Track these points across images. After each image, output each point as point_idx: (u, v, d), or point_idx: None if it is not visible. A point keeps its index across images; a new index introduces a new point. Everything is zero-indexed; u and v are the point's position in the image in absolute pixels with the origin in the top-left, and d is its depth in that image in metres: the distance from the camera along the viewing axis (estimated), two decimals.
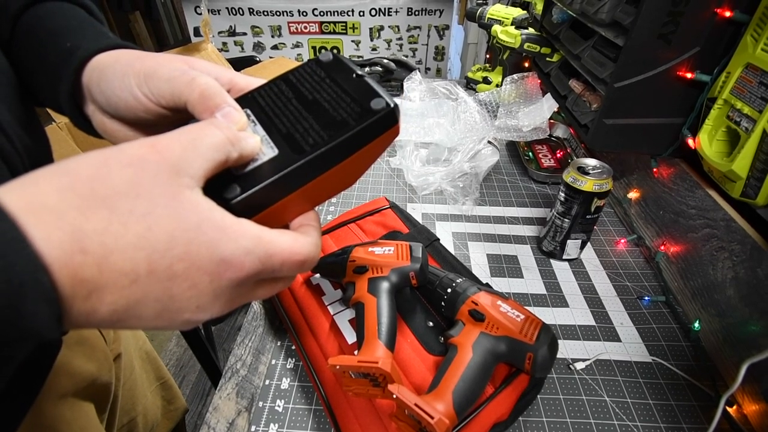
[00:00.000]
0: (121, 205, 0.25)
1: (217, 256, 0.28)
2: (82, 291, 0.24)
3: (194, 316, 0.29)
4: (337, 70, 0.38)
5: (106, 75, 0.39)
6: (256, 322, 0.77)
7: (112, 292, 0.25)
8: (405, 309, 0.70)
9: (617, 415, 0.64)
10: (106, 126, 0.42)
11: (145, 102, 0.37)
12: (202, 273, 0.28)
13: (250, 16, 2.94)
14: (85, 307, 0.25)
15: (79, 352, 0.65)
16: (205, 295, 0.29)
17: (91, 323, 0.26)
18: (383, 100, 0.34)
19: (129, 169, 0.26)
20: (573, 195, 0.81)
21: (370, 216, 0.90)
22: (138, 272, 0.26)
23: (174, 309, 0.28)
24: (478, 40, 2.76)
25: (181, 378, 2.02)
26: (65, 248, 0.23)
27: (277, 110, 0.37)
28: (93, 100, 0.41)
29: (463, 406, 0.53)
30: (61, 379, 0.60)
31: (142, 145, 0.28)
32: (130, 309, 0.26)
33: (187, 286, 0.28)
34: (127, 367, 0.79)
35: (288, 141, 0.34)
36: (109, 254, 0.25)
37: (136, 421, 0.82)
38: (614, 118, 0.77)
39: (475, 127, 1.15)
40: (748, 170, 0.60)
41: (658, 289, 0.84)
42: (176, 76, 0.36)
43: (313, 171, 0.34)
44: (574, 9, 0.87)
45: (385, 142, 0.36)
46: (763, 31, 0.60)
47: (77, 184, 0.25)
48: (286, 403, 0.65)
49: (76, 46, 0.41)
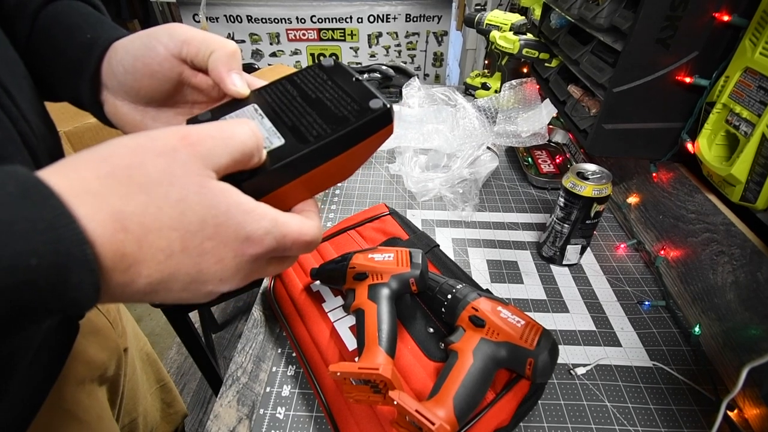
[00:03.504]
0: (157, 192, 0.28)
1: (242, 235, 0.31)
2: (122, 264, 0.27)
3: (216, 287, 0.33)
4: (337, 74, 0.42)
5: (128, 46, 0.44)
6: (256, 329, 0.77)
7: (149, 266, 0.28)
8: (405, 315, 0.70)
9: (618, 420, 0.64)
10: (118, 110, 0.46)
11: (162, 52, 0.42)
12: (228, 250, 0.31)
13: (248, 23, 2.95)
14: (124, 279, 0.28)
15: (93, 342, 0.68)
16: (229, 269, 0.32)
17: (125, 294, 0.29)
18: (380, 101, 0.38)
19: (162, 159, 0.29)
20: (572, 200, 0.81)
21: (369, 222, 0.90)
22: (173, 249, 0.29)
23: (200, 281, 0.31)
24: (476, 46, 2.77)
25: (182, 386, 2.01)
26: (108, 227, 0.26)
27: (283, 106, 0.40)
28: (110, 80, 0.45)
29: (464, 412, 0.53)
30: (78, 365, 0.63)
31: (174, 135, 0.31)
32: (164, 282, 0.30)
33: (214, 261, 0.31)
34: (130, 364, 0.80)
35: (293, 132, 0.37)
36: (148, 233, 0.28)
37: (137, 422, 0.82)
38: (613, 123, 0.77)
39: (474, 133, 1.15)
40: (747, 174, 0.60)
41: (658, 294, 0.83)
42: (209, 35, 0.42)
43: (315, 160, 0.37)
44: (573, 14, 0.87)
45: (379, 139, 0.39)
46: (761, 35, 0.60)
47: (116, 171, 0.28)
48: (287, 411, 0.65)
49: (96, 37, 0.45)
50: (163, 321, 1.99)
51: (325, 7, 2.90)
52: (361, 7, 2.92)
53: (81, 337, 0.63)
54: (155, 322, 2.28)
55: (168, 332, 2.21)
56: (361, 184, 1.15)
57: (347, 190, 1.13)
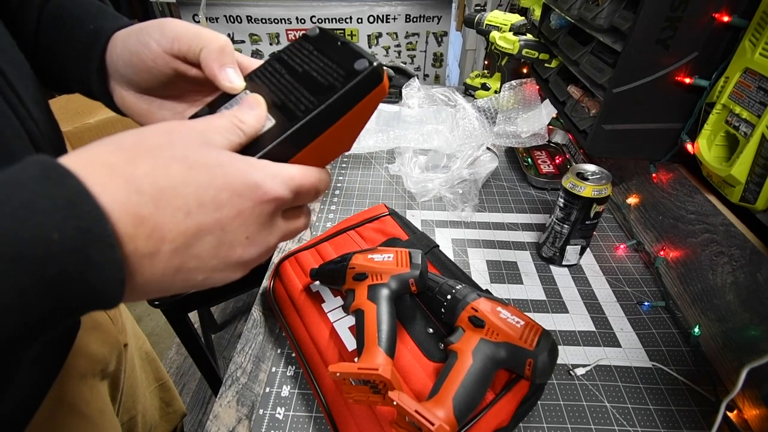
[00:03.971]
0: (162, 153, 0.30)
1: (251, 181, 0.32)
2: (143, 230, 0.28)
3: (246, 251, 0.33)
4: (323, 42, 0.41)
5: (125, 41, 0.45)
6: (255, 329, 0.77)
7: (170, 228, 0.29)
8: (405, 316, 0.69)
9: (618, 421, 0.64)
10: (125, 100, 0.47)
11: (156, 49, 0.42)
12: (244, 199, 0.32)
13: (248, 23, 2.95)
14: (149, 247, 0.28)
15: (94, 336, 0.68)
16: (251, 223, 0.33)
17: (155, 270, 0.29)
18: (365, 60, 0.36)
19: (163, 132, 0.31)
20: (572, 201, 0.81)
21: (369, 223, 0.89)
22: (189, 205, 0.30)
23: (227, 242, 0.32)
24: (476, 47, 2.76)
25: (182, 386, 2.01)
26: (121, 192, 0.27)
27: (272, 86, 0.40)
28: (114, 72, 0.46)
29: (463, 412, 0.53)
30: (80, 360, 0.64)
31: (172, 122, 0.33)
32: (189, 246, 0.30)
33: (233, 214, 0.32)
34: (129, 361, 0.80)
35: (283, 111, 0.37)
36: (161, 191, 0.29)
37: (135, 420, 0.82)
38: (613, 123, 0.77)
39: (474, 133, 1.15)
40: (747, 175, 0.60)
41: (657, 295, 0.83)
42: (200, 30, 0.42)
43: (307, 135, 0.36)
44: (572, 15, 0.87)
45: (373, 101, 0.38)
46: (761, 35, 0.60)
47: (123, 144, 0.30)
48: (286, 411, 0.65)
49: (99, 26, 0.47)
50: (163, 321, 1.98)
51: (325, 7, 2.90)
52: (361, 7, 2.91)
53: (82, 332, 0.63)
54: (155, 323, 2.28)
55: (167, 332, 2.21)
56: (360, 185, 1.15)
57: (347, 190, 1.13)
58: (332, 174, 1.19)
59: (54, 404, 0.57)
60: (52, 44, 0.49)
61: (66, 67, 0.49)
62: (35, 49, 0.50)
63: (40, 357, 0.53)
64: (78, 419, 0.62)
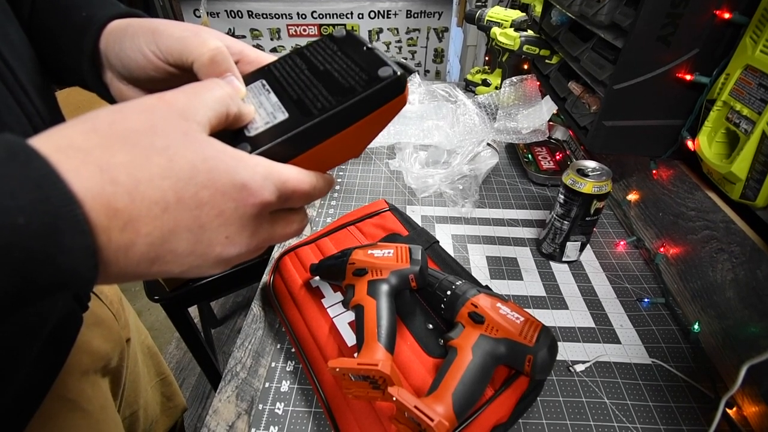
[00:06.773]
0: (141, 141, 0.28)
1: (238, 181, 0.30)
2: (117, 222, 0.26)
3: (225, 250, 0.31)
4: (348, 44, 0.40)
5: (119, 38, 0.42)
6: (255, 324, 0.77)
7: (146, 222, 0.27)
8: (404, 311, 0.69)
9: (617, 417, 0.64)
10: (122, 93, 0.45)
11: (153, 59, 0.40)
12: (226, 199, 0.30)
13: (249, 18, 2.94)
14: (123, 240, 0.26)
15: (97, 333, 0.68)
16: (232, 224, 0.31)
17: (129, 262, 0.28)
18: (390, 68, 0.35)
19: (142, 114, 0.29)
20: (572, 197, 0.81)
21: (369, 218, 0.89)
22: (167, 200, 0.28)
23: (206, 241, 0.30)
24: (477, 43, 2.76)
25: (181, 381, 2.01)
26: (95, 180, 0.25)
27: (290, 80, 0.39)
28: (110, 65, 0.44)
29: (462, 408, 0.53)
30: (82, 356, 0.64)
31: (151, 98, 0.31)
32: (166, 241, 0.28)
33: (214, 213, 0.30)
34: (131, 356, 0.81)
35: (298, 106, 0.36)
36: (138, 183, 0.27)
37: (137, 414, 0.83)
38: (613, 120, 0.77)
39: (475, 129, 1.15)
40: (747, 172, 0.60)
41: (657, 291, 0.84)
42: (187, 36, 0.39)
43: (320, 134, 0.35)
44: (573, 11, 0.87)
45: (391, 110, 0.37)
46: (762, 32, 0.60)
47: (98, 125, 0.27)
48: (285, 406, 0.65)
49: (92, 13, 0.44)
50: (163, 316, 1.99)
51: (326, 2, 2.90)
52: (362, 3, 2.91)
53: (85, 329, 0.63)
54: (155, 317, 2.28)
55: (167, 327, 2.22)
56: (360, 180, 1.15)
57: (347, 186, 1.13)
58: (333, 171, 1.19)
59: (56, 401, 0.57)
60: (43, 33, 0.48)
61: (60, 56, 0.47)
62: (29, 33, 0.48)
63: (42, 354, 0.53)
64: (79, 415, 0.62)
